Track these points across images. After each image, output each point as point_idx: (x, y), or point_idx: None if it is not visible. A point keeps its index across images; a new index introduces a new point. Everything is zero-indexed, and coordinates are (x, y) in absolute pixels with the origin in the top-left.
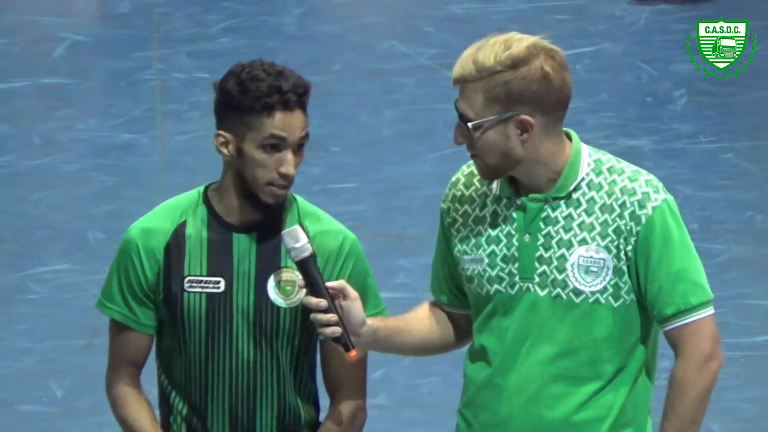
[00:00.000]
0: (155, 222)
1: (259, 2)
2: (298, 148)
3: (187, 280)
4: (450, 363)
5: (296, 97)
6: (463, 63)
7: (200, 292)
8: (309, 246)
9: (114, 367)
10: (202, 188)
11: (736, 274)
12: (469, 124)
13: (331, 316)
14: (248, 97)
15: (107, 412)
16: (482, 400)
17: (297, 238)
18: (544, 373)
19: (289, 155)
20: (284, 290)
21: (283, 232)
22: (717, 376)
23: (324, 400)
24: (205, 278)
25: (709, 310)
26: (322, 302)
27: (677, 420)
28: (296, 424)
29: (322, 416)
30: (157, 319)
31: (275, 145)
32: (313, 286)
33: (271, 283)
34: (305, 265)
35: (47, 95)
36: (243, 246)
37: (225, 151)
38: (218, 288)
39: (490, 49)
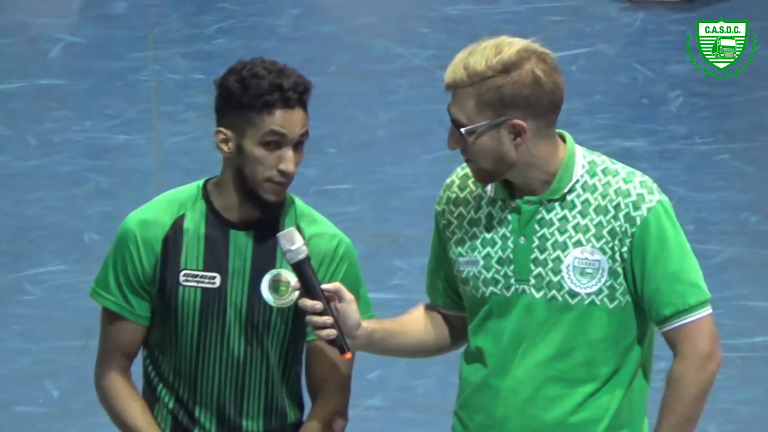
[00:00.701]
0: (154, 214)
1: (254, 3)
2: (298, 145)
3: (182, 273)
4: (445, 364)
5: (297, 95)
6: (455, 68)
7: (195, 287)
8: (305, 248)
9: (104, 358)
10: (201, 182)
11: (732, 275)
12: (462, 130)
13: (327, 319)
14: (249, 95)
15: (103, 412)
16: (478, 402)
17: (293, 241)
18: (540, 374)
19: (288, 152)
20: (278, 290)
21: (279, 234)
22: (715, 376)
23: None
24: (200, 273)
25: (707, 310)
26: (318, 304)
27: (674, 418)
28: (282, 423)
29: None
30: (150, 310)
31: (275, 142)
32: (309, 288)
33: (265, 282)
34: (301, 268)
35: (43, 96)
36: (240, 243)
37: (225, 148)
38: (213, 283)
39: (481, 54)
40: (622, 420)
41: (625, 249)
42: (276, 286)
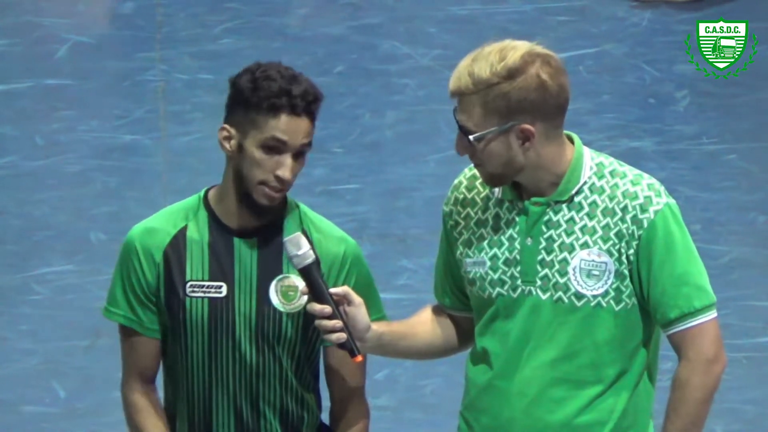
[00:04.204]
0: (155, 223)
1: (261, 3)
2: (300, 155)
3: (188, 285)
4: (453, 364)
5: (305, 103)
6: (460, 76)
7: (202, 297)
8: (311, 253)
9: (127, 377)
10: (202, 192)
11: (739, 275)
12: (471, 137)
13: (336, 322)
14: (257, 95)
15: (110, 412)
16: (484, 403)
17: (299, 246)
18: (546, 376)
19: (287, 159)
20: (286, 295)
21: (285, 239)
22: (720, 379)
23: (326, 401)
24: (206, 283)
25: (713, 314)
26: (327, 309)
27: (679, 422)
28: (300, 426)
29: (323, 416)
30: (160, 323)
31: (276, 147)
32: (317, 292)
33: (273, 288)
34: (308, 273)
35: (50, 96)
36: (244, 251)
37: (227, 145)
38: (220, 293)
39: (486, 61)
40: (628, 422)
41: (631, 251)
42: (284, 291)
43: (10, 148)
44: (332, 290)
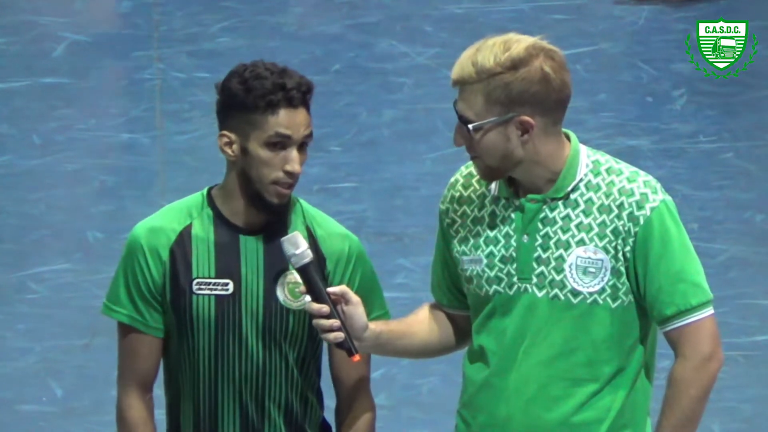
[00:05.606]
0: (160, 222)
1: (258, 2)
2: (302, 146)
3: (195, 282)
4: (450, 362)
5: (300, 94)
6: (463, 64)
7: (209, 294)
8: (309, 252)
9: (123, 381)
10: (205, 190)
11: (736, 273)
12: (470, 126)
13: (334, 322)
14: (252, 96)
15: (107, 411)
16: (481, 401)
17: (297, 245)
18: (542, 374)
19: (294, 153)
20: (293, 292)
21: (283, 239)
22: (716, 377)
23: (329, 401)
24: (213, 280)
25: (709, 311)
26: (324, 308)
27: (674, 418)
28: (303, 423)
29: (326, 415)
30: (163, 322)
31: (280, 143)
32: (315, 292)
33: (280, 285)
34: (306, 272)
35: (47, 95)
36: (250, 248)
37: (229, 151)
38: (227, 290)
39: (490, 51)
40: (625, 420)
41: (628, 248)
42: (291, 288)
43: (8, 146)
44: (330, 289)
